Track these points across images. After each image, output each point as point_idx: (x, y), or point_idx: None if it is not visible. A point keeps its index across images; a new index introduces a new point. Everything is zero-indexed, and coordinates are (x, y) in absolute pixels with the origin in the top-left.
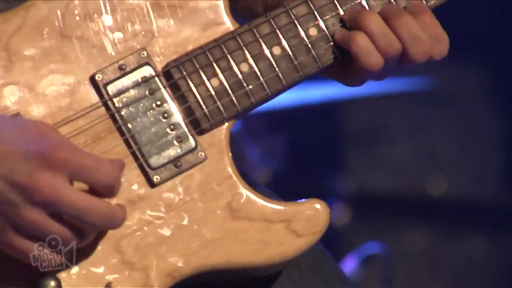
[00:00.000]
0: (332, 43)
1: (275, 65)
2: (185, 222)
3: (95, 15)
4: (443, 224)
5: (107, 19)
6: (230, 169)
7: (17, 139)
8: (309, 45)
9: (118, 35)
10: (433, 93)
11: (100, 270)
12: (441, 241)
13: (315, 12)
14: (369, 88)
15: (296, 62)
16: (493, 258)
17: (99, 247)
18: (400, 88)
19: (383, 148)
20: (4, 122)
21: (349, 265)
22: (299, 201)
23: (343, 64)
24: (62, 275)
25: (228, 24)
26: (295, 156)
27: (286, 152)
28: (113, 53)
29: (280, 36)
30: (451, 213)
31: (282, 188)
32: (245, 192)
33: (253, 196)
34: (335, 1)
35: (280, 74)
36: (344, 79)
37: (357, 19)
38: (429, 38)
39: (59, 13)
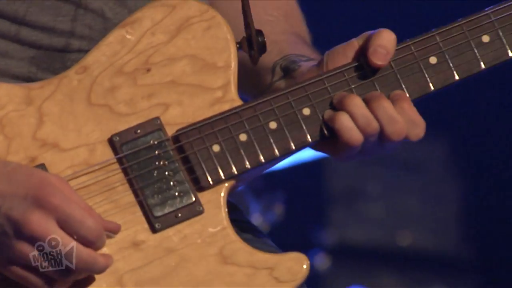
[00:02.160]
0: (321, 122)
1: (270, 138)
2: (181, 263)
3: (119, 88)
4: (410, 270)
5: (129, 92)
6: (225, 222)
7: (22, 183)
8: (302, 122)
9: (137, 105)
10: (403, 160)
11: None
12: (408, 286)
13: (309, 95)
14: None
15: (289, 136)
16: None
17: (103, 279)
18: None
19: (360, 205)
20: (18, 170)
21: None
22: (283, 253)
23: (332, 141)
24: None
25: (233, 101)
26: (288, 211)
27: (280, 208)
28: (131, 120)
29: (277, 113)
30: (416, 261)
31: (277, 237)
32: (236, 242)
33: (242, 246)
34: (328, 88)
35: (274, 145)
36: (334, 154)
37: (342, 101)
38: (405, 121)
39: (87, 84)
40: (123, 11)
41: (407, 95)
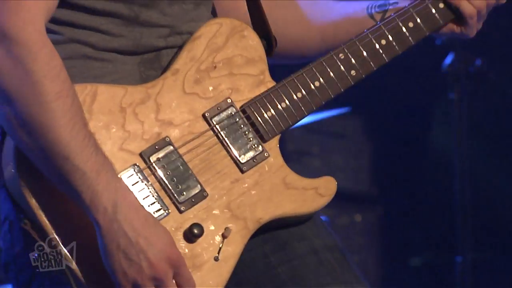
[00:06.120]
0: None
1: (300, 104)
2: (261, 191)
3: (201, 81)
4: (336, 200)
5: (207, 83)
6: (282, 161)
7: (161, 239)
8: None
9: (214, 90)
10: (333, 131)
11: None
12: (337, 211)
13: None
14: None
15: (312, 104)
16: (371, 224)
17: (218, 204)
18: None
19: (306, 161)
20: (158, 227)
21: None
22: (319, 178)
23: (456, 21)
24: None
25: (269, 82)
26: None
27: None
28: (212, 100)
29: (300, 87)
30: (341, 196)
31: None
32: (291, 173)
33: (295, 175)
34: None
35: (303, 109)
36: (460, 31)
37: None
38: None
39: (181, 80)
40: (188, 29)
41: None
